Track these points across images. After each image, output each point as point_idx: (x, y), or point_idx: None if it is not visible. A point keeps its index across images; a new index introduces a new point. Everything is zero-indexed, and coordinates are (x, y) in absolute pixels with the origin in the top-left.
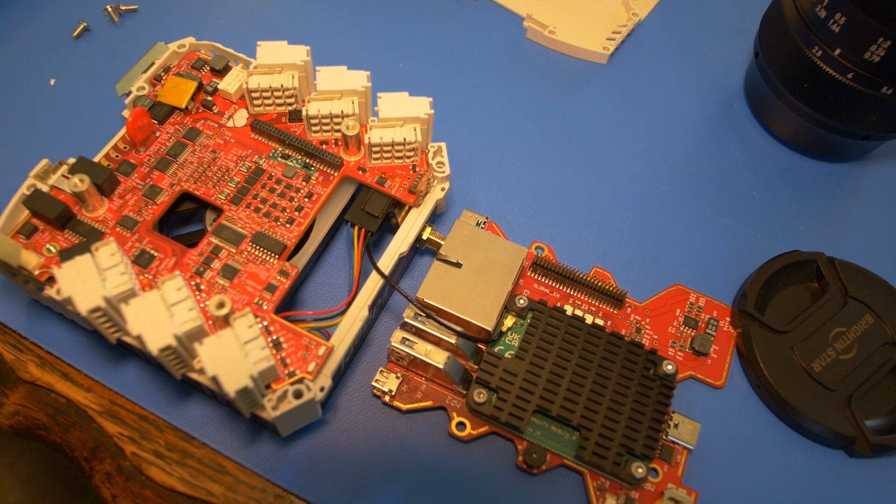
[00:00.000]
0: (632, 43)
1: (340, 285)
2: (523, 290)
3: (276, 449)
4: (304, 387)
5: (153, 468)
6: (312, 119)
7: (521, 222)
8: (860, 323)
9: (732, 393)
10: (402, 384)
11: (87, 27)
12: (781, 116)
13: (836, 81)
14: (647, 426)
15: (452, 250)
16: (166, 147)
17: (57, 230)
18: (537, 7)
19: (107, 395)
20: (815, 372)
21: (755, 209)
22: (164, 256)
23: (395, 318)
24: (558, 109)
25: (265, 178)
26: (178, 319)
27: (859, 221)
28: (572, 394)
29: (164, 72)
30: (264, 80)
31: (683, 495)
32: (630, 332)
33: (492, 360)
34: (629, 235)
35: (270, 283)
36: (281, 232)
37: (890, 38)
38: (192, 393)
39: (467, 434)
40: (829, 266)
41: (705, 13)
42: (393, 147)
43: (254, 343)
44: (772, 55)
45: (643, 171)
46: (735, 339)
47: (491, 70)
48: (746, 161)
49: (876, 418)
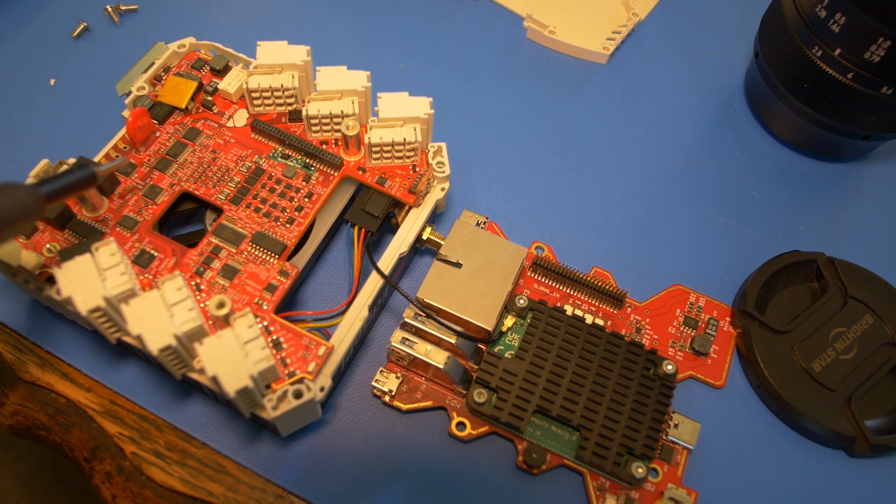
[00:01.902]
0: (632, 43)
1: (340, 285)
2: (523, 290)
3: (276, 449)
4: (304, 387)
5: (153, 468)
6: (312, 119)
7: (521, 222)
8: (860, 323)
9: (732, 393)
10: (402, 384)
11: (87, 27)
12: (781, 116)
13: (836, 81)
14: (647, 426)
15: (452, 250)
16: (166, 147)
17: (57, 230)
18: (537, 7)
19: (107, 395)
20: (815, 372)
21: (755, 209)
22: (164, 256)
23: (395, 318)
24: (558, 109)
25: (265, 178)
26: (178, 319)
27: (859, 221)
28: (572, 394)
29: (164, 72)
30: (264, 80)
31: (683, 495)
32: (630, 332)
33: (492, 360)
34: (629, 235)
35: (270, 283)
36: (281, 232)
37: (890, 38)
38: (192, 393)
39: (467, 434)
40: (829, 266)
41: (705, 13)
42: (393, 147)
43: (254, 343)
44: (772, 55)
45: (643, 171)
46: (735, 339)
47: (491, 70)
48: (746, 161)
49: (876, 418)
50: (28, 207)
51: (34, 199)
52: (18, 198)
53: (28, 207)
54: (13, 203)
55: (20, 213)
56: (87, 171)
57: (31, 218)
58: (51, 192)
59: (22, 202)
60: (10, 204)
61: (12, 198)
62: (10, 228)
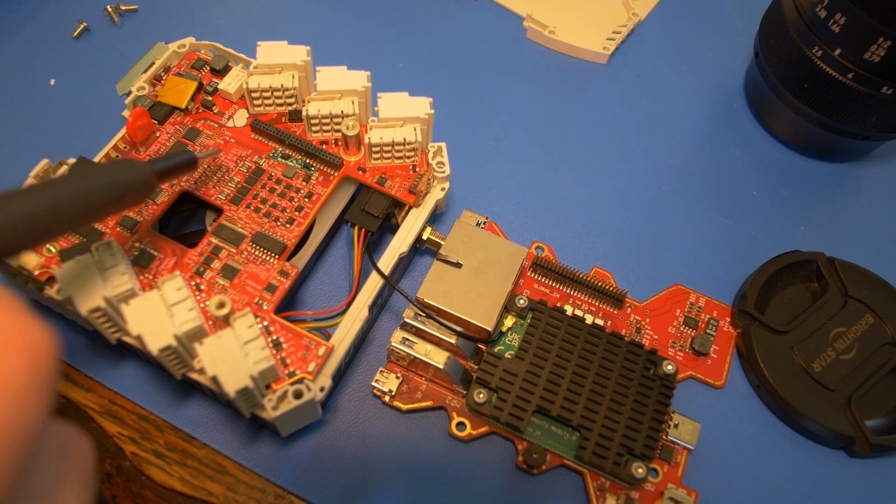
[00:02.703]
0: (632, 43)
1: (340, 285)
2: (523, 290)
3: (276, 449)
4: (304, 387)
5: (153, 468)
6: (312, 119)
7: (521, 222)
8: (860, 323)
9: (732, 393)
10: (402, 384)
11: (87, 27)
12: (781, 116)
13: (836, 81)
14: (647, 426)
15: (452, 250)
16: (166, 147)
17: None
18: (537, 7)
19: (107, 395)
20: (815, 372)
21: (755, 209)
22: (164, 256)
23: (395, 318)
24: (558, 109)
25: (265, 178)
26: (178, 319)
27: (859, 221)
28: (572, 394)
29: (164, 72)
30: (264, 80)
31: (683, 495)
32: (630, 332)
33: (492, 360)
34: (629, 235)
35: (270, 283)
36: (281, 232)
37: (890, 38)
38: (192, 393)
39: (467, 434)
40: (829, 266)
41: (705, 13)
42: (393, 147)
43: (254, 343)
44: (772, 55)
45: (643, 171)
46: (735, 339)
47: (491, 70)
48: (746, 161)
49: (876, 418)
50: (144, 181)
51: (149, 174)
52: (137, 170)
53: (144, 181)
54: (133, 175)
55: (138, 185)
56: (189, 154)
57: (144, 191)
58: (162, 169)
59: (140, 174)
60: (130, 175)
61: (133, 170)
62: (127, 198)
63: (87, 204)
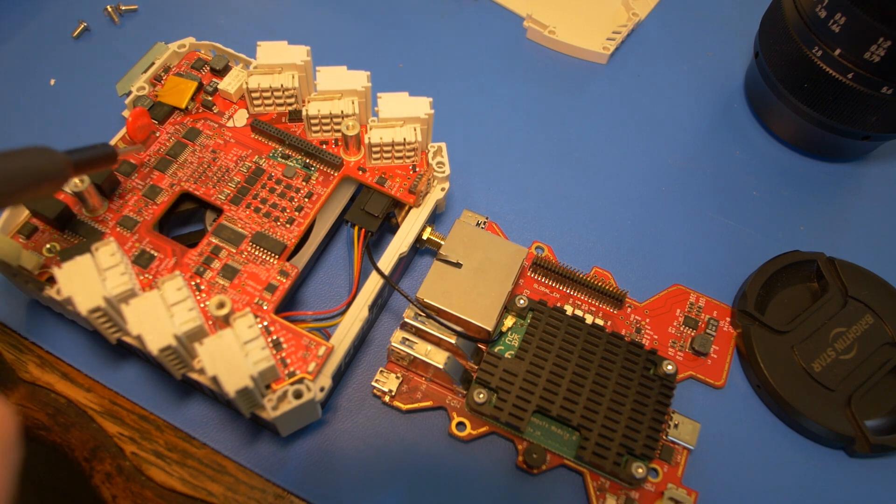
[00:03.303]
0: (632, 43)
1: (340, 285)
2: (523, 290)
3: (276, 449)
4: (304, 387)
5: (153, 468)
6: (312, 119)
7: (521, 222)
8: (860, 323)
9: (732, 393)
10: (402, 384)
11: (87, 27)
12: (781, 116)
13: (836, 81)
14: (647, 426)
15: (452, 250)
16: (166, 147)
17: (57, 230)
18: (537, 7)
19: (107, 395)
20: (815, 372)
21: (755, 209)
22: (164, 256)
23: (395, 318)
24: (558, 109)
25: (265, 178)
26: (178, 319)
27: (859, 221)
28: (572, 394)
29: (164, 72)
30: (264, 80)
31: (683, 495)
32: (630, 332)
33: (492, 360)
34: (629, 235)
35: (270, 283)
36: (281, 232)
37: (890, 38)
38: (192, 393)
39: (467, 434)
40: (829, 266)
41: (705, 13)
42: (393, 147)
43: (254, 343)
44: (772, 55)
45: (643, 171)
46: (735, 339)
47: (491, 70)
48: (746, 161)
49: (876, 418)
50: (58, 170)
51: (65, 164)
52: (51, 159)
53: (58, 170)
54: (47, 163)
55: (51, 174)
56: (109, 148)
57: (58, 181)
58: (78, 160)
59: (54, 163)
60: (43, 163)
61: (45, 158)
62: (39, 187)
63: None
